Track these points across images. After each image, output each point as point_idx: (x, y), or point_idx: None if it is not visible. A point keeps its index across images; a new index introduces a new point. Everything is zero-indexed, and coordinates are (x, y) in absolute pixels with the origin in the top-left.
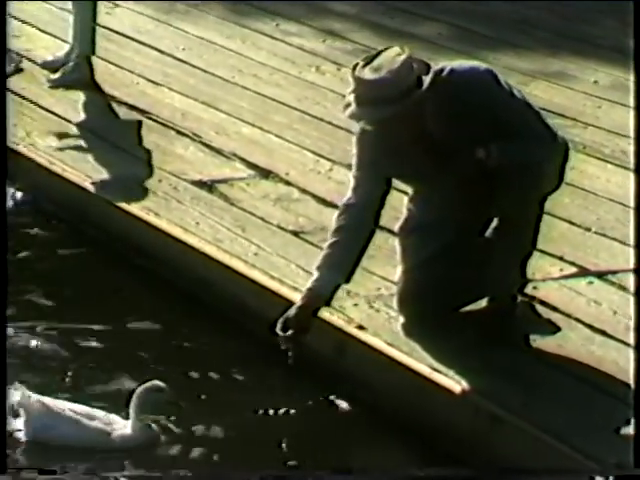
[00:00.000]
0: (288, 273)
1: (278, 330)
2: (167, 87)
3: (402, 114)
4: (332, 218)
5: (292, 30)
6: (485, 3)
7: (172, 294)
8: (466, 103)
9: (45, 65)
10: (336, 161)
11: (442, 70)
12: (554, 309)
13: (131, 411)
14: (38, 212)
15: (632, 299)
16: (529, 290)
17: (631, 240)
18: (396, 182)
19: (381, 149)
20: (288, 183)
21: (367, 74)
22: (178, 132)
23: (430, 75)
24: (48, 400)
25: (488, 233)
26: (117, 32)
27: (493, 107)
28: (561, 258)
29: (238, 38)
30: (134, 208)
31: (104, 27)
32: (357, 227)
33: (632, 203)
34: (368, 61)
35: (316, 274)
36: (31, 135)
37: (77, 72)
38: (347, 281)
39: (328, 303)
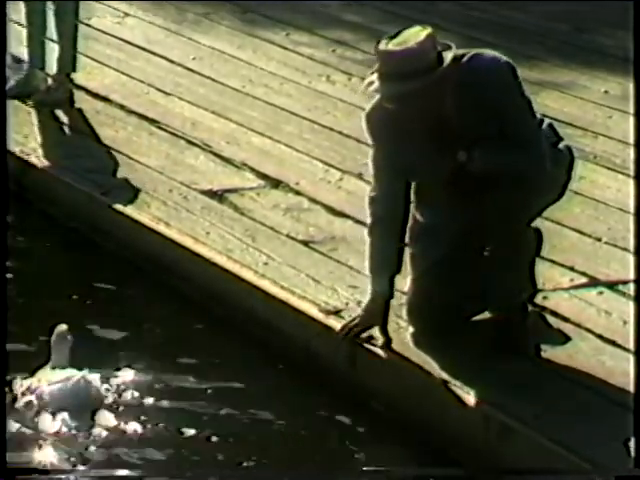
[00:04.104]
0: (298, 283)
1: (344, 333)
2: (178, 97)
3: (422, 91)
4: (342, 228)
5: (303, 40)
6: (496, 13)
7: (182, 304)
8: (481, 89)
9: (12, 92)
10: (346, 171)
11: (463, 55)
12: (564, 319)
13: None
14: (49, 221)
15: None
16: (539, 300)
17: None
18: None
19: (391, 133)
20: (298, 193)
21: (393, 47)
22: (188, 142)
23: (451, 55)
24: None
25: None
26: (128, 42)
27: (504, 99)
28: (572, 268)
29: (249, 48)
30: (144, 218)
31: (115, 37)
32: (388, 219)
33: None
34: (391, 38)
35: (370, 280)
36: (42, 146)
37: (59, 92)
38: (398, 270)
39: (392, 296)
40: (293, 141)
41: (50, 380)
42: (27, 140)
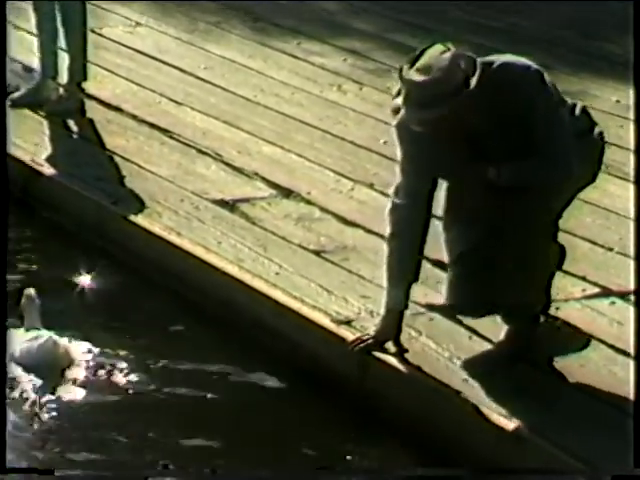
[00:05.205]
0: (309, 293)
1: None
2: (189, 106)
3: (450, 114)
4: (354, 237)
5: (314, 49)
6: (507, 21)
7: (193, 313)
8: (509, 101)
9: (15, 102)
10: (357, 180)
11: (491, 64)
12: (576, 329)
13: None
14: (57, 231)
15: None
16: (552, 310)
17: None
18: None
19: (423, 146)
20: (309, 202)
21: (416, 76)
22: (199, 151)
23: (478, 72)
24: None
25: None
26: (139, 51)
27: (532, 110)
28: (583, 278)
29: (260, 57)
30: (156, 227)
31: (126, 46)
32: (408, 228)
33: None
34: (413, 62)
35: (386, 290)
36: (53, 155)
37: (71, 101)
38: (416, 279)
39: (406, 306)
40: (304, 150)
41: (22, 340)
42: (38, 149)
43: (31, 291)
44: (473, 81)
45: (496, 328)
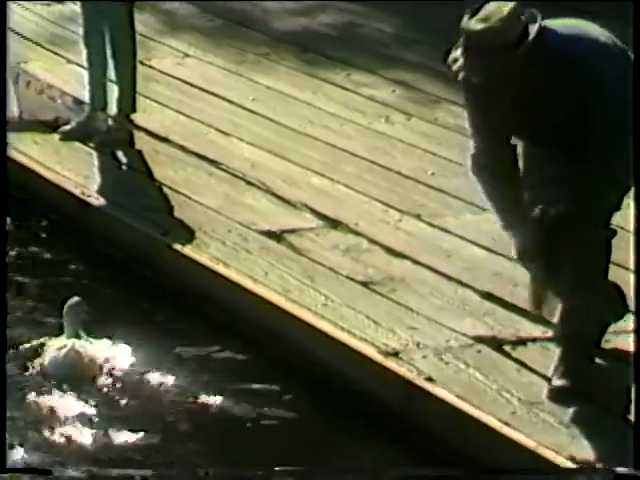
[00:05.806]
0: (357, 324)
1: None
2: (237, 137)
3: (509, 66)
4: (401, 269)
5: (363, 80)
6: None
7: (241, 343)
8: (568, 70)
9: (65, 135)
10: (405, 211)
11: (556, 31)
12: (626, 362)
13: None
14: (106, 259)
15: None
16: (602, 344)
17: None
18: None
19: (487, 102)
20: (357, 233)
21: (475, 25)
22: (248, 182)
23: (537, 26)
24: None
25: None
26: (187, 82)
27: (589, 87)
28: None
29: (309, 88)
30: (203, 258)
31: (175, 77)
32: (495, 167)
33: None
34: (474, 13)
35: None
36: (102, 186)
37: (119, 132)
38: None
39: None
40: (352, 181)
41: (50, 347)
42: (87, 181)
43: (75, 299)
44: (531, 34)
45: (544, 360)
